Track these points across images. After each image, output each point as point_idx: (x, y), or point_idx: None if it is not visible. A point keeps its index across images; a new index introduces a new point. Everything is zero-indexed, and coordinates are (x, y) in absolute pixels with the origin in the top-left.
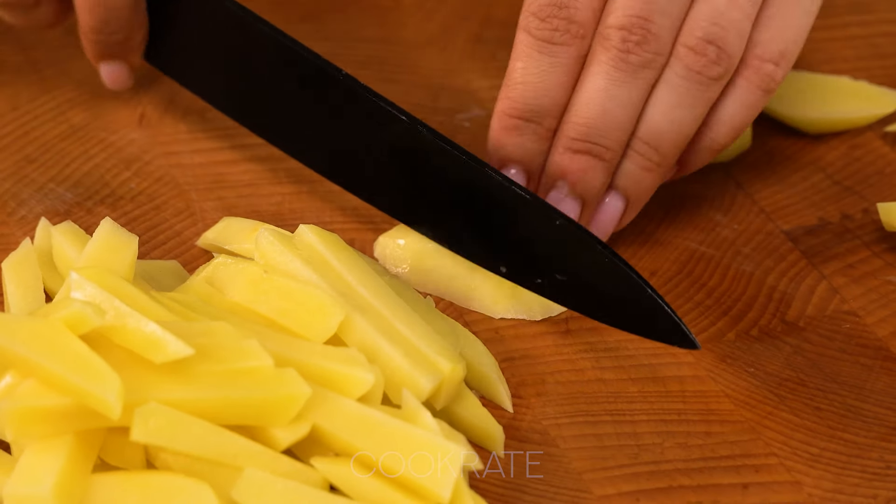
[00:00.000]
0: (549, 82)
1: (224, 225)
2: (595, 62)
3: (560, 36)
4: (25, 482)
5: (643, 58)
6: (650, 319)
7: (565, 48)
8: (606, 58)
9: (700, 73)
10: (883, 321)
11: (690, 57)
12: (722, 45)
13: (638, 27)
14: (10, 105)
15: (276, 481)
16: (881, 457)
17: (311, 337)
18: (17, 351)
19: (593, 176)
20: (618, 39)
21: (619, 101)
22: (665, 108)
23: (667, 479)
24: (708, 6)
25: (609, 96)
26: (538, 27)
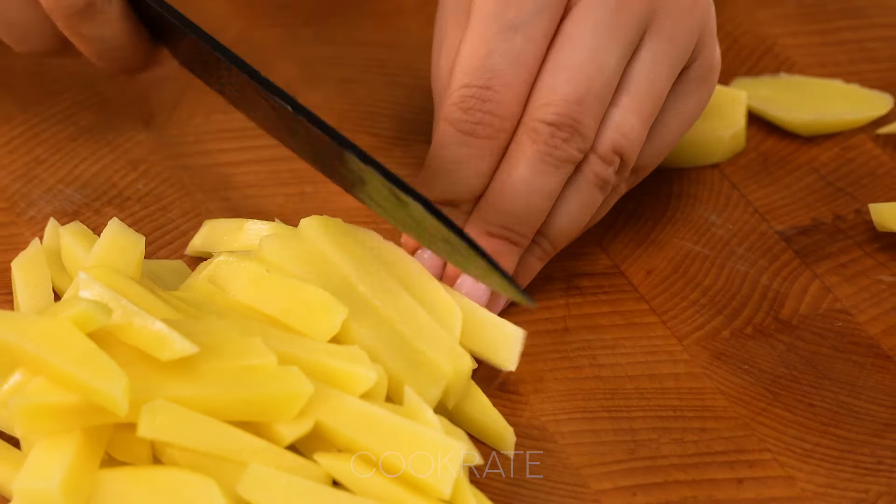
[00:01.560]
0: (470, 173)
1: (208, 229)
2: (520, 152)
3: (482, 129)
4: (34, 477)
5: (569, 154)
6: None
7: (488, 141)
8: (533, 150)
9: (606, 182)
10: (874, 319)
11: (600, 165)
12: (625, 156)
13: (567, 126)
14: (19, 108)
15: (280, 476)
16: (873, 452)
17: (313, 335)
18: (26, 349)
19: (507, 259)
20: (547, 134)
21: (542, 193)
22: (570, 204)
23: (663, 474)
24: (620, 114)
25: (533, 188)
26: (460, 119)
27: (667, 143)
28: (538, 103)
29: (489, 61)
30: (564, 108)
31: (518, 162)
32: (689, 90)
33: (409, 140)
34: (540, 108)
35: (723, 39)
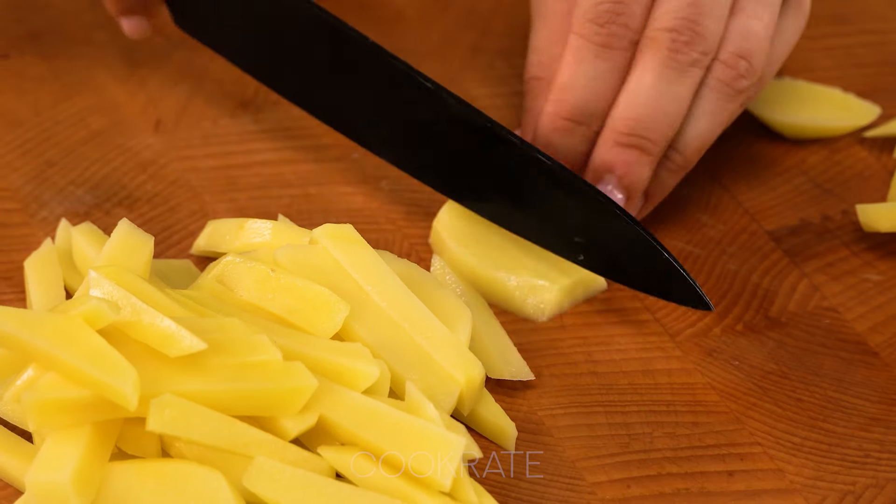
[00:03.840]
0: (603, 86)
1: (211, 229)
2: (645, 61)
3: (618, 41)
4: (46, 470)
5: (691, 57)
6: (667, 282)
7: (621, 52)
8: (657, 57)
9: (732, 89)
10: (861, 317)
11: (724, 70)
12: (749, 60)
13: (687, 28)
14: (32, 111)
15: (285, 469)
16: (860, 446)
17: (317, 333)
18: (38, 345)
19: (640, 169)
20: (668, 40)
21: (669, 98)
22: (698, 115)
23: (656, 467)
24: (740, 21)
25: (660, 93)
26: (597, 32)
27: (777, 58)
28: (658, 13)
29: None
30: (681, 12)
31: (644, 71)
32: (792, 10)
33: None
34: (659, 18)
35: None
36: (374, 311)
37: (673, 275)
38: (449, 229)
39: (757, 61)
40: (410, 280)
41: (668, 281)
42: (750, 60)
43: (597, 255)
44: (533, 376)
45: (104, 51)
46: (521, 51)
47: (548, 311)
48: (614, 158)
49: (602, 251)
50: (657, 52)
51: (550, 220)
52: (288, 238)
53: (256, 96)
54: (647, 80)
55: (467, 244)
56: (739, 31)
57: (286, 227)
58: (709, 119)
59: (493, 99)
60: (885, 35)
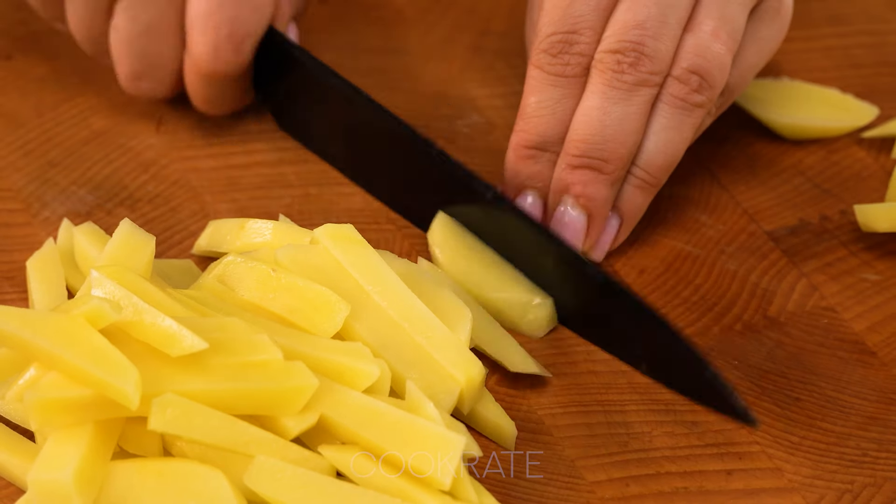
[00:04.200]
0: (561, 113)
1: (212, 229)
2: (592, 84)
3: (571, 69)
4: (48, 468)
5: (637, 77)
6: (713, 394)
7: (575, 80)
8: (602, 79)
9: (688, 104)
10: (859, 316)
11: (677, 86)
12: (703, 76)
13: (631, 50)
14: (35, 112)
15: (286, 468)
16: (858, 445)
17: (317, 332)
18: (40, 345)
19: (595, 188)
20: (612, 62)
21: (615, 117)
22: (657, 132)
23: (655, 466)
24: (695, 38)
25: (604, 113)
26: (550, 63)
27: (750, 67)
28: (605, 36)
29: (572, 9)
30: (625, 34)
31: (592, 93)
32: (768, 18)
33: None
34: (605, 41)
35: None
36: (375, 311)
37: (718, 389)
38: (441, 245)
39: (712, 76)
40: (410, 280)
41: (715, 393)
42: (703, 75)
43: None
44: (549, 374)
45: None
46: (520, 51)
47: (544, 327)
48: (569, 179)
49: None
50: (602, 73)
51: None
52: (289, 238)
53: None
54: (593, 101)
55: (459, 261)
56: (692, 48)
57: (287, 227)
58: (668, 134)
59: (492, 99)
60: (882, 36)
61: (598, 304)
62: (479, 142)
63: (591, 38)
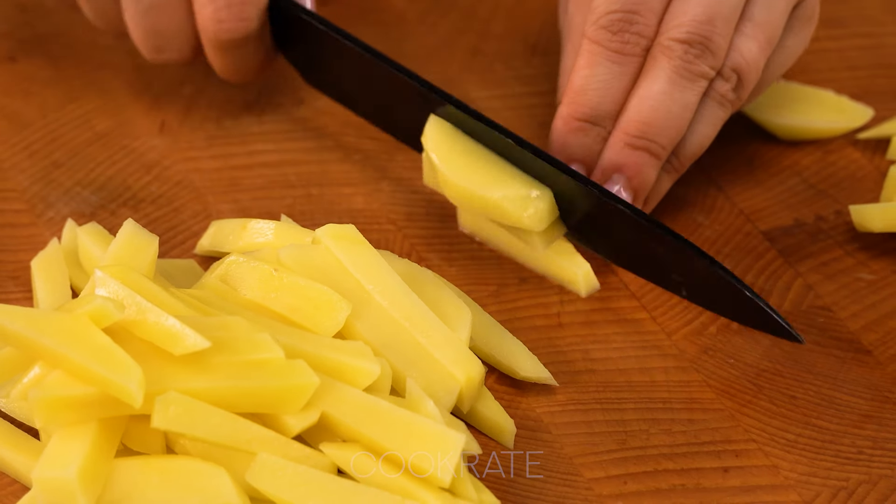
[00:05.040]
0: (616, 89)
1: (215, 229)
2: (657, 68)
3: (630, 48)
4: (53, 466)
5: (701, 70)
6: (760, 318)
7: (633, 58)
8: (670, 65)
9: (726, 100)
10: (855, 316)
11: (721, 83)
12: (742, 77)
13: (699, 42)
14: (39, 113)
15: (288, 465)
16: (853, 442)
17: (319, 331)
18: (44, 343)
19: (648, 171)
20: (681, 51)
21: (679, 104)
22: (698, 121)
23: (652, 463)
24: (741, 39)
25: (671, 98)
26: (610, 39)
27: (772, 74)
28: (672, 24)
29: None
30: (695, 27)
31: (657, 77)
32: (797, 27)
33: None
34: (674, 29)
35: None
36: (376, 310)
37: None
38: (437, 149)
39: (747, 78)
40: (411, 280)
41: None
42: (741, 76)
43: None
44: (556, 382)
45: (109, 54)
46: (520, 53)
47: (545, 220)
48: (624, 160)
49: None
50: (670, 60)
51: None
52: (290, 238)
53: (259, 99)
54: (658, 86)
55: (455, 162)
56: (738, 48)
57: (289, 228)
58: (706, 126)
59: (491, 101)
60: (878, 38)
61: (601, 216)
62: None
63: (652, 20)
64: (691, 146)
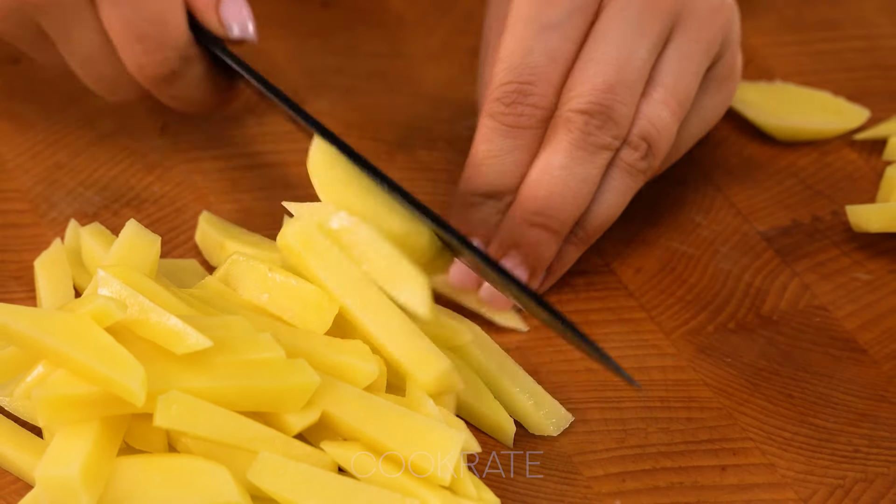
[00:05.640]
0: (512, 163)
1: (200, 239)
2: (556, 141)
3: (525, 121)
4: (55, 464)
5: (603, 140)
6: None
7: (530, 131)
8: (569, 138)
9: (635, 169)
10: (851, 315)
11: (629, 153)
12: (652, 144)
13: (600, 113)
14: (42, 114)
15: (289, 464)
16: (849, 441)
17: (310, 330)
18: (47, 343)
19: (546, 248)
20: (581, 122)
21: (579, 179)
22: (604, 192)
23: (651, 462)
24: (650, 106)
25: (570, 173)
26: (503, 112)
27: (690, 136)
28: (571, 94)
29: (529, 59)
30: (596, 97)
31: (556, 150)
32: (714, 88)
33: (410, 146)
34: (573, 99)
35: None
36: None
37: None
38: (319, 175)
39: (658, 145)
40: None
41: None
42: (651, 144)
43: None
44: (573, 417)
45: None
46: None
47: (424, 255)
48: (520, 237)
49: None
50: (569, 133)
51: None
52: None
53: (260, 100)
54: (557, 160)
55: (337, 193)
56: (647, 116)
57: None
58: (614, 197)
59: None
60: (873, 40)
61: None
62: None
63: (548, 90)
64: (598, 217)
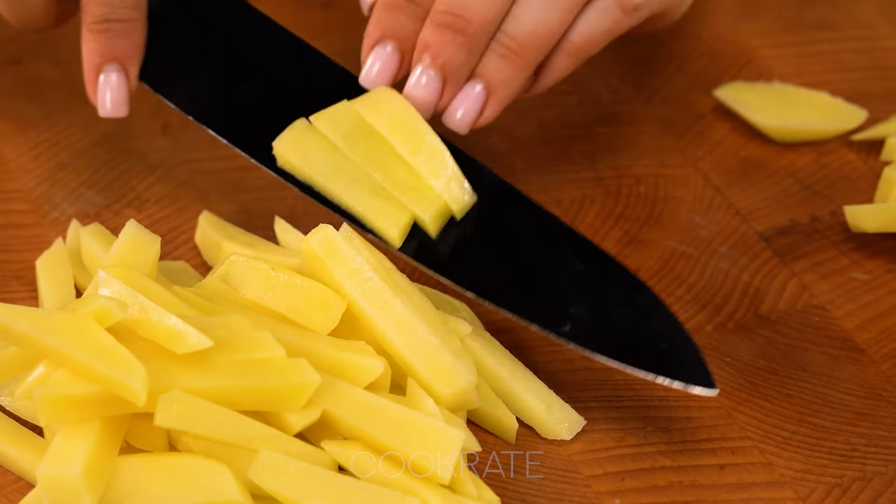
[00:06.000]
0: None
1: (200, 240)
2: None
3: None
4: (57, 463)
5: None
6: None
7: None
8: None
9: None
10: (849, 315)
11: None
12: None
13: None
14: (44, 115)
15: (290, 462)
16: (847, 440)
17: (315, 329)
18: (49, 343)
19: (454, 50)
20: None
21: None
22: (529, 4)
23: (649, 461)
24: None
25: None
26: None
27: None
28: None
29: None
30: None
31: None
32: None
33: None
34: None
35: (707, 50)
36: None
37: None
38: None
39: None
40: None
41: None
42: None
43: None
44: (584, 421)
45: None
46: None
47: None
48: (430, 38)
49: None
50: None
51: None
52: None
53: None
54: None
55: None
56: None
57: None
58: (544, 9)
59: None
60: (871, 41)
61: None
62: (478, 143)
63: None
64: (523, 23)
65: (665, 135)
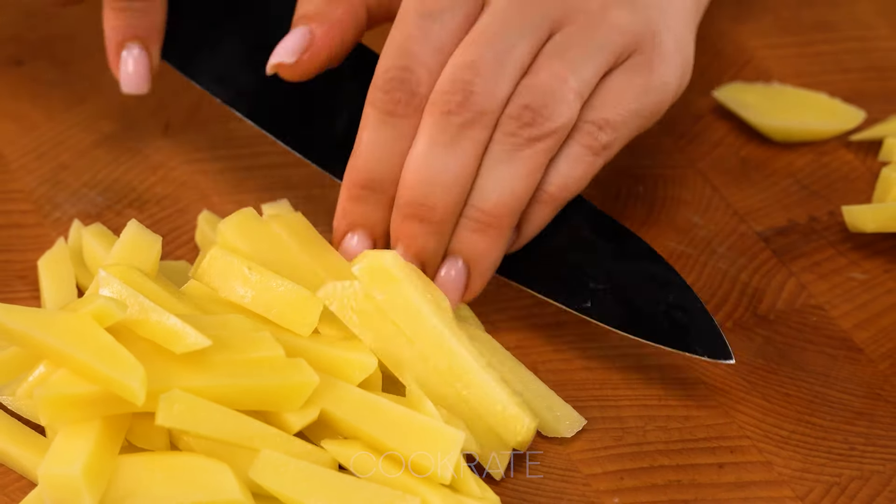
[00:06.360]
0: (390, 153)
1: (200, 239)
2: (422, 126)
3: (402, 108)
4: (58, 463)
5: (465, 117)
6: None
7: (406, 120)
8: (430, 121)
9: (515, 136)
10: (847, 314)
11: (508, 122)
12: (537, 110)
13: (459, 90)
14: (45, 116)
15: (290, 461)
16: (845, 439)
17: (295, 331)
18: (49, 343)
19: (424, 240)
20: (441, 103)
21: (441, 162)
22: (489, 170)
23: (648, 459)
24: (529, 79)
25: (430, 157)
26: (381, 100)
27: (627, 104)
28: (440, 78)
29: (407, 45)
30: (457, 74)
31: (420, 136)
32: (630, 70)
33: None
34: (439, 82)
35: (707, 51)
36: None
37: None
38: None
39: (548, 108)
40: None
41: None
42: (536, 109)
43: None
44: (585, 420)
45: None
46: None
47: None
48: (398, 230)
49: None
50: (431, 115)
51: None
52: None
53: None
54: (420, 146)
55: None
56: (525, 87)
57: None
58: (500, 171)
59: None
60: (869, 42)
61: None
62: None
63: (425, 77)
64: (489, 194)
65: (664, 135)
